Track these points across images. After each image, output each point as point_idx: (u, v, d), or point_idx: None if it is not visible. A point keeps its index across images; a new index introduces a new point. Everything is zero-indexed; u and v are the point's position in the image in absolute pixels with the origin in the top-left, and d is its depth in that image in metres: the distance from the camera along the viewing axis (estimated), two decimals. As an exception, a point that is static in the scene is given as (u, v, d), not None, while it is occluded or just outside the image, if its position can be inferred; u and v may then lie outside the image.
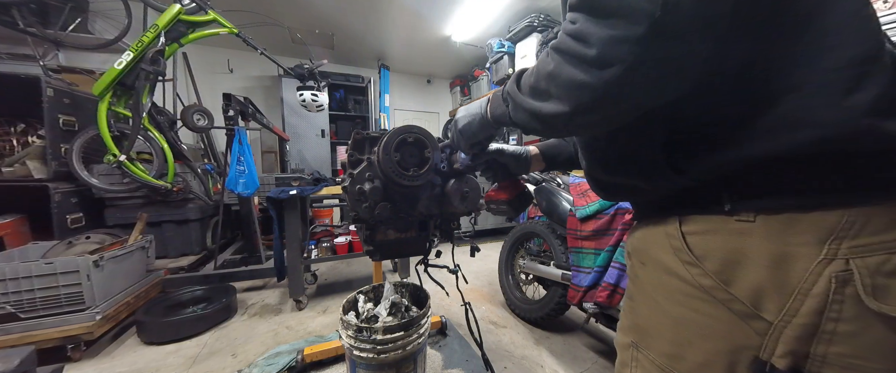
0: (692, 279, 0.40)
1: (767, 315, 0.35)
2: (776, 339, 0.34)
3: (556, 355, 1.64)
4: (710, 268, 0.38)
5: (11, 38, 2.54)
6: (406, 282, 1.39)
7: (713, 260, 0.38)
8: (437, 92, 5.86)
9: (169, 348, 1.72)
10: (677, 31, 0.32)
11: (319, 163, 4.25)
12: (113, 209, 2.50)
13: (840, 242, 0.32)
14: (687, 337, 0.40)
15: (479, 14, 3.49)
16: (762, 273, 0.35)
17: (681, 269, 0.41)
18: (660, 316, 0.44)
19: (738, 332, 0.37)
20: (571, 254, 1.57)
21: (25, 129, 2.38)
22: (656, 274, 0.45)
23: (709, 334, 0.39)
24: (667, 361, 0.42)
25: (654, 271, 0.45)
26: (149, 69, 2.11)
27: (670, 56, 0.33)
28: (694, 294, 0.40)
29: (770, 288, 0.35)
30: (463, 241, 1.20)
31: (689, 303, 0.40)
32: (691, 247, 0.40)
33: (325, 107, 3.17)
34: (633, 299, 0.49)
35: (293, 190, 1.95)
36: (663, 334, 0.43)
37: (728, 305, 0.37)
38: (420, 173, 0.85)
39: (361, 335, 1.06)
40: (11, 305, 1.51)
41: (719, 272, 0.38)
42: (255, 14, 2.80)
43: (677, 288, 0.41)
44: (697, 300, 0.39)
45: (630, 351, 0.47)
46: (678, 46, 0.33)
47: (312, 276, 2.57)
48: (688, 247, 0.41)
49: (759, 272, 0.35)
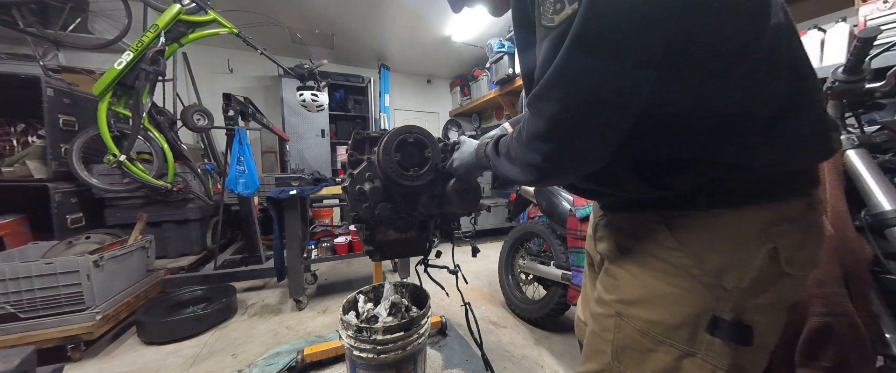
0: (674, 260, 0.50)
1: (726, 284, 0.46)
2: (727, 300, 0.47)
3: (556, 355, 1.64)
4: (689, 251, 0.49)
5: (11, 38, 2.55)
6: (406, 282, 1.39)
7: (692, 245, 0.49)
8: (437, 92, 5.85)
9: (169, 348, 1.72)
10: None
11: (319, 163, 4.24)
12: (113, 209, 2.50)
13: (771, 228, 0.46)
14: (664, 305, 0.51)
15: (479, 14, 3.48)
16: (726, 254, 0.47)
17: (664, 253, 0.51)
18: (642, 291, 0.53)
19: (703, 299, 0.48)
20: (571, 254, 1.57)
21: (25, 129, 2.38)
22: (641, 258, 0.55)
23: (682, 302, 0.49)
24: (647, 325, 0.52)
25: (640, 255, 0.55)
26: (149, 69, 2.11)
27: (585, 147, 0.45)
28: (674, 272, 0.50)
29: (730, 264, 0.47)
30: (463, 241, 1.20)
31: (669, 279, 0.51)
32: (675, 236, 0.50)
33: (325, 107, 3.18)
34: (617, 278, 0.58)
35: (293, 190, 1.95)
36: (645, 305, 0.53)
37: (700, 279, 0.48)
38: (420, 173, 0.85)
39: (361, 335, 1.06)
40: (11, 305, 1.51)
41: (697, 254, 0.48)
42: (255, 14, 2.80)
43: (661, 268, 0.52)
44: (676, 277, 0.50)
45: (613, 319, 0.57)
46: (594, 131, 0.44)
47: (312, 276, 2.57)
48: (672, 236, 0.51)
49: (724, 253, 0.47)
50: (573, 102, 0.41)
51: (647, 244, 0.54)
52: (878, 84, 0.95)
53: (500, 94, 4.09)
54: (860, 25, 1.44)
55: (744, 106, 0.43)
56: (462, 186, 0.87)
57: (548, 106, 0.43)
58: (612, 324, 0.57)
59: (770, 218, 0.46)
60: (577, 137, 0.44)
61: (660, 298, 0.51)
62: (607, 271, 0.62)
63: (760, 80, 0.42)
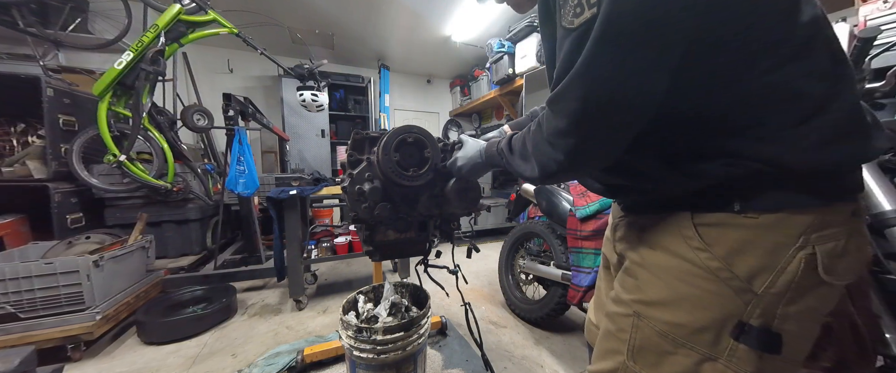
0: (700, 262, 0.48)
1: (756, 288, 0.45)
2: (756, 305, 0.45)
3: (556, 355, 1.64)
4: (717, 253, 0.47)
5: (11, 38, 2.54)
6: (406, 282, 1.39)
7: (721, 247, 0.47)
8: (437, 92, 5.86)
9: (169, 348, 1.72)
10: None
11: (319, 163, 4.25)
12: (113, 209, 2.49)
13: (810, 235, 0.43)
14: (687, 308, 0.49)
15: (479, 14, 3.48)
16: (759, 257, 0.45)
17: (690, 254, 0.49)
18: (665, 292, 0.52)
19: (731, 303, 0.46)
20: (571, 254, 1.57)
21: (25, 129, 2.38)
22: (665, 258, 0.53)
23: (707, 305, 0.48)
24: (668, 328, 0.51)
25: (663, 256, 0.53)
26: (149, 69, 2.11)
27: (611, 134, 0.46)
28: (699, 274, 0.48)
29: (762, 268, 0.44)
30: (463, 241, 1.20)
31: (694, 281, 0.49)
32: (703, 236, 0.49)
33: (325, 107, 3.17)
34: (637, 278, 0.57)
35: (293, 190, 1.95)
36: (667, 306, 0.51)
37: (728, 282, 0.46)
38: (420, 173, 0.85)
39: (361, 336, 1.05)
40: (11, 305, 1.51)
41: (725, 257, 0.46)
42: (255, 14, 2.80)
43: (686, 269, 0.50)
44: (701, 279, 0.48)
45: (631, 319, 0.55)
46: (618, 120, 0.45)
47: (312, 276, 2.57)
48: (700, 236, 0.49)
49: (757, 257, 0.45)
50: (593, 100, 0.43)
51: (671, 245, 0.52)
52: (878, 84, 0.95)
53: (500, 94, 4.09)
54: (860, 25, 1.44)
55: (776, 99, 0.43)
56: (462, 185, 0.87)
57: (569, 104, 0.45)
58: (630, 324, 0.56)
59: (810, 222, 0.44)
60: (596, 132, 0.46)
61: (683, 300, 0.50)
62: (627, 271, 0.60)
63: (794, 72, 0.41)
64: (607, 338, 0.60)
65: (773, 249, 0.44)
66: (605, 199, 1.46)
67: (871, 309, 0.79)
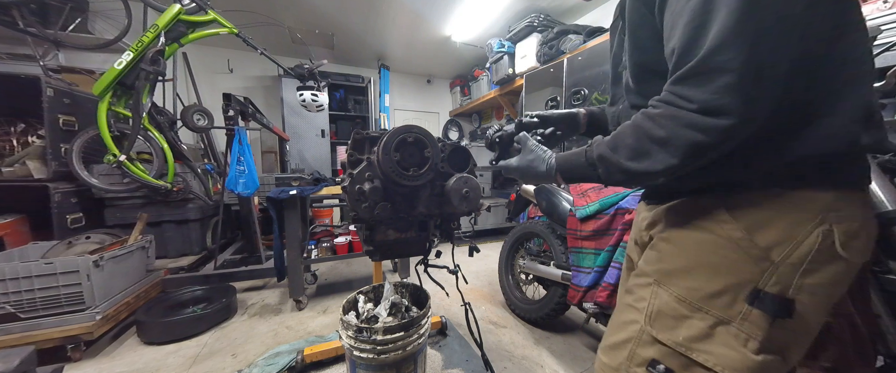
0: (724, 233, 0.52)
1: (774, 257, 0.48)
2: (772, 273, 0.48)
3: (556, 355, 1.64)
4: (742, 225, 0.51)
5: (11, 38, 2.54)
6: (406, 282, 1.39)
7: (746, 220, 0.51)
8: (437, 92, 5.86)
9: (169, 348, 1.72)
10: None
11: (319, 163, 4.25)
12: (113, 209, 2.50)
13: (828, 212, 0.47)
14: (707, 274, 0.53)
15: (479, 14, 3.48)
16: (780, 230, 0.48)
17: (715, 226, 0.53)
18: (686, 261, 0.56)
19: (747, 270, 0.50)
20: (571, 254, 1.57)
21: (25, 129, 2.38)
22: (690, 232, 0.57)
23: (725, 272, 0.51)
24: (686, 292, 0.54)
25: (689, 229, 0.57)
26: (149, 69, 2.10)
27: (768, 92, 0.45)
28: (722, 244, 0.52)
29: (781, 240, 0.48)
30: (463, 241, 1.20)
31: (716, 250, 0.52)
32: (730, 211, 0.52)
33: (325, 107, 3.18)
34: (660, 251, 0.61)
35: (293, 190, 1.95)
36: (687, 273, 0.55)
37: (747, 251, 0.50)
38: (420, 173, 0.85)
39: (361, 336, 1.05)
40: (11, 305, 1.51)
41: (749, 228, 0.50)
42: (255, 14, 2.80)
43: (709, 240, 0.53)
44: (723, 248, 0.52)
45: (651, 288, 0.59)
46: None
47: (312, 276, 2.57)
48: (727, 211, 0.52)
49: (779, 229, 0.49)
50: (755, 59, 0.42)
51: (699, 220, 0.56)
52: (878, 84, 0.95)
53: (500, 94, 4.09)
54: (860, 25, 1.43)
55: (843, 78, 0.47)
56: (462, 185, 0.87)
57: (732, 58, 0.42)
58: (650, 292, 0.58)
59: (830, 201, 0.47)
60: (762, 93, 0.44)
61: (703, 266, 0.53)
62: (653, 246, 0.63)
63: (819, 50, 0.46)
64: (622, 312, 0.63)
65: (795, 222, 0.48)
66: (604, 199, 1.46)
67: (871, 309, 0.79)
